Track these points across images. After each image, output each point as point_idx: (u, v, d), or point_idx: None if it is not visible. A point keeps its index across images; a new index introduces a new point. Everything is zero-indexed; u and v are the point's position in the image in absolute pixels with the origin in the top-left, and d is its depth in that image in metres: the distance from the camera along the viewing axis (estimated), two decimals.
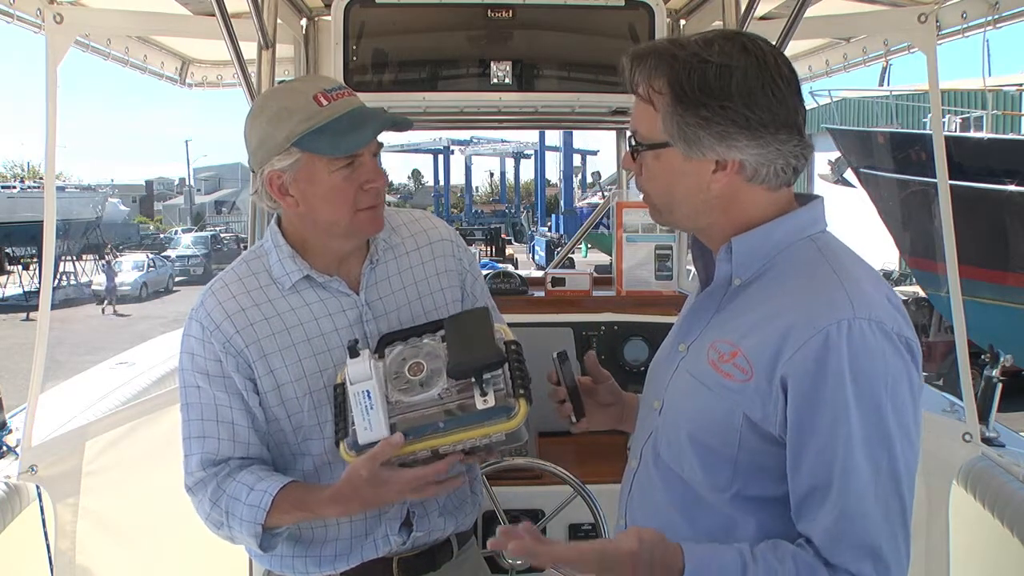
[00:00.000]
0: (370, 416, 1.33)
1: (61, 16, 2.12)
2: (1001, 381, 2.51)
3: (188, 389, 1.50)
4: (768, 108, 1.12)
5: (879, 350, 1.07)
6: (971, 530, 2.25)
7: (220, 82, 3.51)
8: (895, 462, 1.08)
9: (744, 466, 1.15)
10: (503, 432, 1.34)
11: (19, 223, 24.99)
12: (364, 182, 1.44)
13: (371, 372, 1.33)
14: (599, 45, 2.58)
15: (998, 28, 2.29)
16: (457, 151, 44.79)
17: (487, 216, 44.13)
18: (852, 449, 1.06)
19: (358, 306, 1.53)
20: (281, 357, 1.48)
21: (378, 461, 1.31)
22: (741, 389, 1.13)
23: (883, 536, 1.08)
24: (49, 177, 2.35)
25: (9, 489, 2.06)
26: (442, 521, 1.59)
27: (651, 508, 1.27)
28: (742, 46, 1.13)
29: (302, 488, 1.44)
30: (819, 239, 1.20)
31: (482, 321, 1.41)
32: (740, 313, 1.19)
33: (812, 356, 1.07)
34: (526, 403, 1.33)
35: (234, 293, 1.50)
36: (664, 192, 1.21)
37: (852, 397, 1.06)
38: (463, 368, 1.34)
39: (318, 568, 1.54)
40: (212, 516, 1.46)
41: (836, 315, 1.07)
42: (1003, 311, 10.18)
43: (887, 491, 1.08)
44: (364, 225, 1.48)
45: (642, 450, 1.31)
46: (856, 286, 1.11)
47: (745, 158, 1.14)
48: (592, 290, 2.98)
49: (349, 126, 1.40)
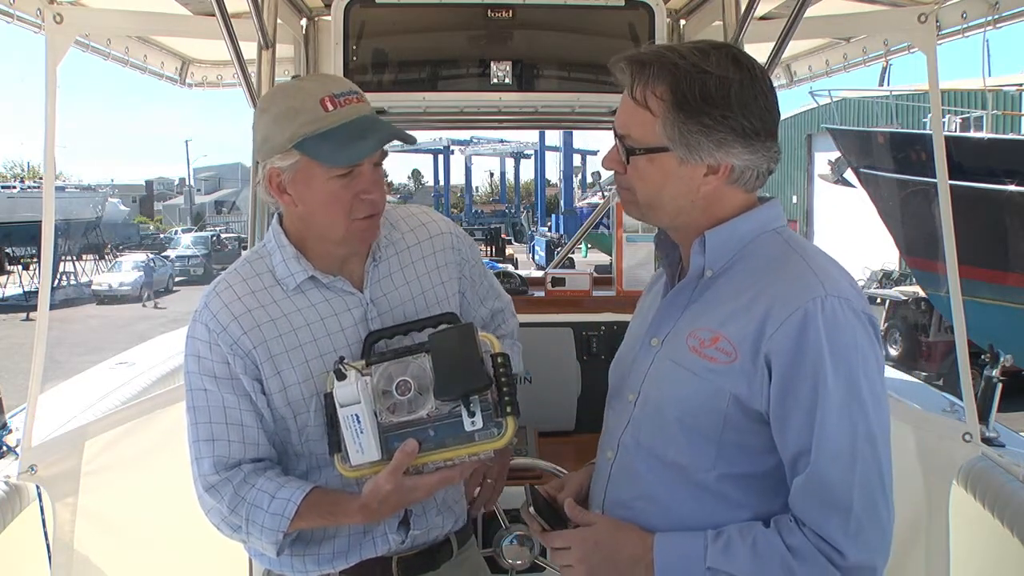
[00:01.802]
0: (361, 440, 1.35)
1: (61, 16, 2.12)
2: (1001, 381, 2.52)
3: (195, 392, 1.48)
4: (760, 117, 1.22)
5: (849, 324, 1.17)
6: (971, 530, 2.25)
7: (220, 82, 3.51)
8: (870, 425, 1.17)
9: (728, 445, 1.23)
10: (492, 450, 1.35)
11: (19, 223, 25.00)
12: (361, 192, 1.43)
13: (359, 395, 1.33)
14: (599, 45, 2.58)
15: (998, 28, 2.29)
16: (457, 151, 44.77)
17: (487, 216, 44.13)
18: (829, 413, 1.15)
19: (363, 304, 1.53)
20: (288, 359, 1.47)
21: (399, 472, 1.33)
22: (727, 371, 1.21)
23: (855, 496, 1.15)
24: (48, 177, 2.35)
25: (9, 489, 2.06)
26: (440, 520, 1.60)
27: (634, 493, 1.32)
28: (734, 59, 1.22)
29: (327, 497, 1.44)
30: (783, 232, 1.30)
31: (468, 340, 1.37)
32: (715, 303, 1.27)
33: (793, 332, 1.16)
34: (514, 420, 1.34)
35: (239, 295, 1.49)
36: (653, 192, 1.28)
37: (830, 367, 1.15)
38: (449, 392, 1.34)
39: (317, 567, 1.53)
40: (230, 520, 1.46)
41: (810, 294, 1.17)
42: (1003, 311, 10.18)
43: (864, 453, 1.16)
44: (359, 235, 1.48)
45: (619, 440, 1.36)
46: (824, 270, 1.22)
47: (737, 163, 1.23)
48: (592, 290, 2.98)
49: (351, 136, 1.39)
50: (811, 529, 1.17)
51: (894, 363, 11.00)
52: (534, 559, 2.16)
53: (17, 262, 26.23)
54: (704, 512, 1.25)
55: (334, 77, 1.47)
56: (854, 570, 1.16)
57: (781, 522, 1.21)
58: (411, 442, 1.33)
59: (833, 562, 1.16)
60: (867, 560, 1.17)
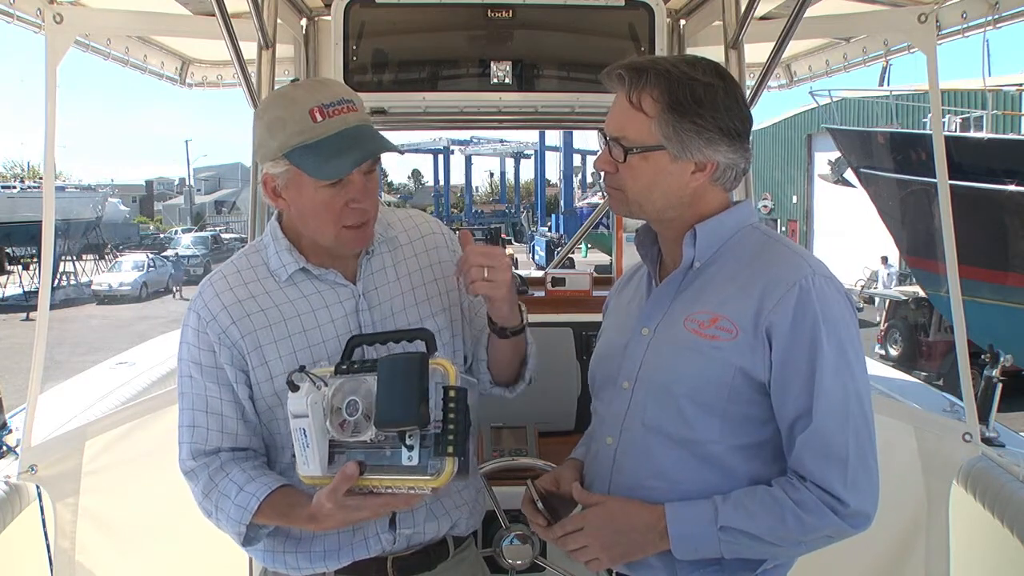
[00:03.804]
0: (306, 453, 1.35)
1: (61, 16, 2.13)
2: (1001, 381, 2.52)
3: (183, 379, 1.53)
4: (741, 120, 1.37)
5: (835, 298, 1.32)
6: (971, 530, 2.25)
7: (220, 82, 3.51)
8: (858, 384, 1.32)
9: (733, 417, 1.35)
10: (429, 487, 1.31)
11: (19, 223, 24.99)
12: (351, 200, 1.44)
13: (307, 409, 1.33)
14: (599, 45, 2.58)
15: (998, 28, 2.29)
16: (457, 151, 44.81)
17: (487, 216, 44.17)
18: (824, 375, 1.29)
19: (354, 296, 1.54)
20: (276, 349, 1.49)
21: (339, 493, 1.33)
22: (730, 347, 1.33)
23: (850, 448, 1.29)
24: (48, 177, 2.35)
25: (9, 489, 2.07)
26: (435, 525, 1.59)
27: (645, 473, 1.41)
28: (716, 70, 1.37)
29: (286, 499, 1.45)
30: (760, 227, 1.45)
31: (411, 373, 1.31)
32: (707, 289, 1.39)
33: (791, 305, 1.30)
34: (453, 462, 1.30)
35: (231, 285, 1.52)
36: (645, 189, 1.39)
37: (824, 334, 1.29)
38: (382, 424, 1.31)
39: (310, 564, 1.54)
40: (203, 505, 1.51)
41: (801, 273, 1.32)
42: (1003, 311, 10.20)
43: (854, 411, 1.30)
44: (348, 242, 1.49)
45: (622, 427, 1.45)
46: (806, 255, 1.38)
47: (722, 160, 1.36)
48: (592, 290, 2.97)
49: (339, 148, 1.39)
50: (813, 483, 1.29)
51: (894, 363, 11.01)
52: (534, 559, 2.16)
53: (17, 262, 26.25)
54: (709, 483, 1.36)
55: (327, 85, 1.46)
56: (853, 516, 1.29)
57: (782, 481, 1.33)
58: (351, 465, 1.32)
59: (835, 511, 1.28)
60: (864, 507, 1.30)
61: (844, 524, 1.29)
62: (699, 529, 1.32)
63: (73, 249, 27.40)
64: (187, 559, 2.54)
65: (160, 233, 45.77)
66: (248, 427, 1.52)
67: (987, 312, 9.92)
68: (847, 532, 1.31)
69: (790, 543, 1.33)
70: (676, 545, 1.33)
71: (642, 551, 1.37)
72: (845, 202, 18.75)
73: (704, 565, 1.37)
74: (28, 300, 20.45)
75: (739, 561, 1.36)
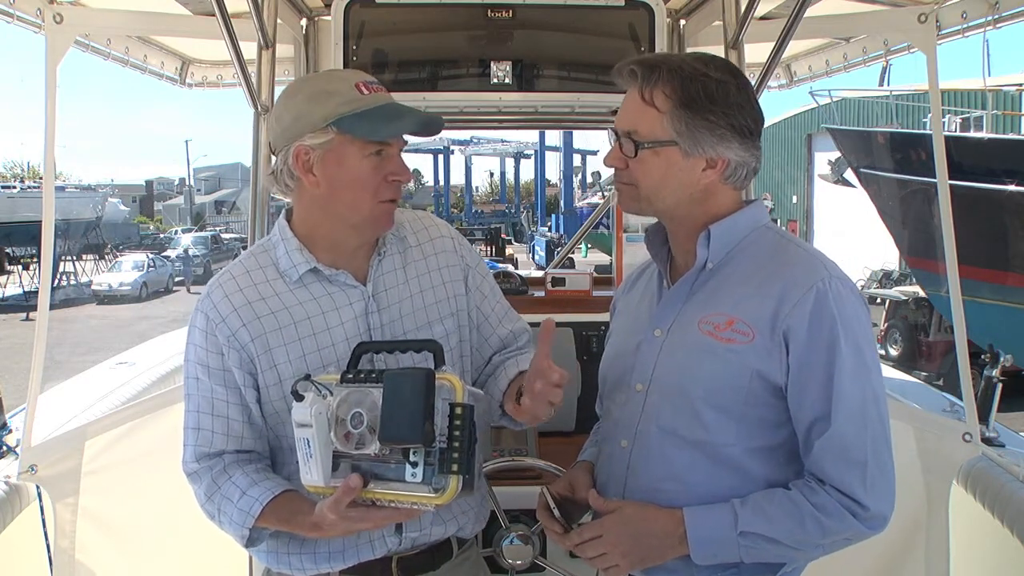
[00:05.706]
0: (310, 463, 1.34)
1: (61, 16, 2.12)
2: (1001, 381, 2.52)
3: (189, 380, 1.52)
4: (753, 118, 1.36)
5: (852, 301, 1.32)
6: (971, 530, 2.25)
7: (220, 82, 3.51)
8: (875, 387, 1.32)
9: (749, 420, 1.34)
10: (432, 504, 1.31)
11: (19, 223, 24.96)
12: (389, 173, 1.47)
13: (311, 420, 1.32)
14: (599, 45, 2.58)
15: (998, 28, 2.29)
16: (457, 151, 44.75)
17: (487, 216, 44.10)
18: (843, 378, 1.28)
19: (364, 298, 1.53)
20: (286, 352, 1.48)
21: (342, 506, 1.32)
22: (747, 349, 1.32)
23: (869, 451, 1.29)
24: (48, 177, 2.35)
25: (9, 489, 2.07)
26: (441, 528, 1.59)
27: (661, 475, 1.40)
28: (729, 67, 1.38)
29: (289, 504, 1.44)
30: (773, 228, 1.44)
31: (417, 389, 1.29)
32: (721, 291, 1.38)
33: (809, 307, 1.29)
34: (458, 480, 1.29)
35: (241, 286, 1.50)
36: (656, 184, 1.38)
37: (842, 337, 1.29)
38: (386, 440, 1.30)
39: (314, 565, 1.54)
40: (206, 508, 1.50)
41: (818, 275, 1.32)
42: (1003, 311, 10.19)
43: (872, 414, 1.30)
44: (381, 217, 1.49)
45: (636, 430, 1.44)
46: (821, 257, 1.37)
47: (733, 158, 1.36)
48: (592, 290, 2.97)
49: (388, 116, 1.45)
50: (832, 486, 1.29)
51: (894, 363, 11.00)
52: (534, 559, 2.16)
53: (17, 262, 26.22)
54: (724, 485, 1.35)
55: (356, 71, 1.52)
56: (872, 518, 1.30)
57: (800, 485, 1.32)
58: (354, 477, 1.31)
59: (855, 514, 1.29)
60: (882, 509, 1.31)
61: (863, 527, 1.30)
62: (719, 534, 1.32)
63: (73, 249, 27.38)
64: (187, 559, 2.54)
65: (160, 233, 45.72)
66: (254, 430, 1.52)
67: (987, 312, 9.91)
68: (865, 534, 1.31)
69: (809, 546, 1.33)
70: (696, 551, 1.33)
71: (661, 557, 1.37)
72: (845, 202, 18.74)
73: (723, 569, 1.36)
74: (28, 300, 20.42)
75: (757, 565, 1.35)
